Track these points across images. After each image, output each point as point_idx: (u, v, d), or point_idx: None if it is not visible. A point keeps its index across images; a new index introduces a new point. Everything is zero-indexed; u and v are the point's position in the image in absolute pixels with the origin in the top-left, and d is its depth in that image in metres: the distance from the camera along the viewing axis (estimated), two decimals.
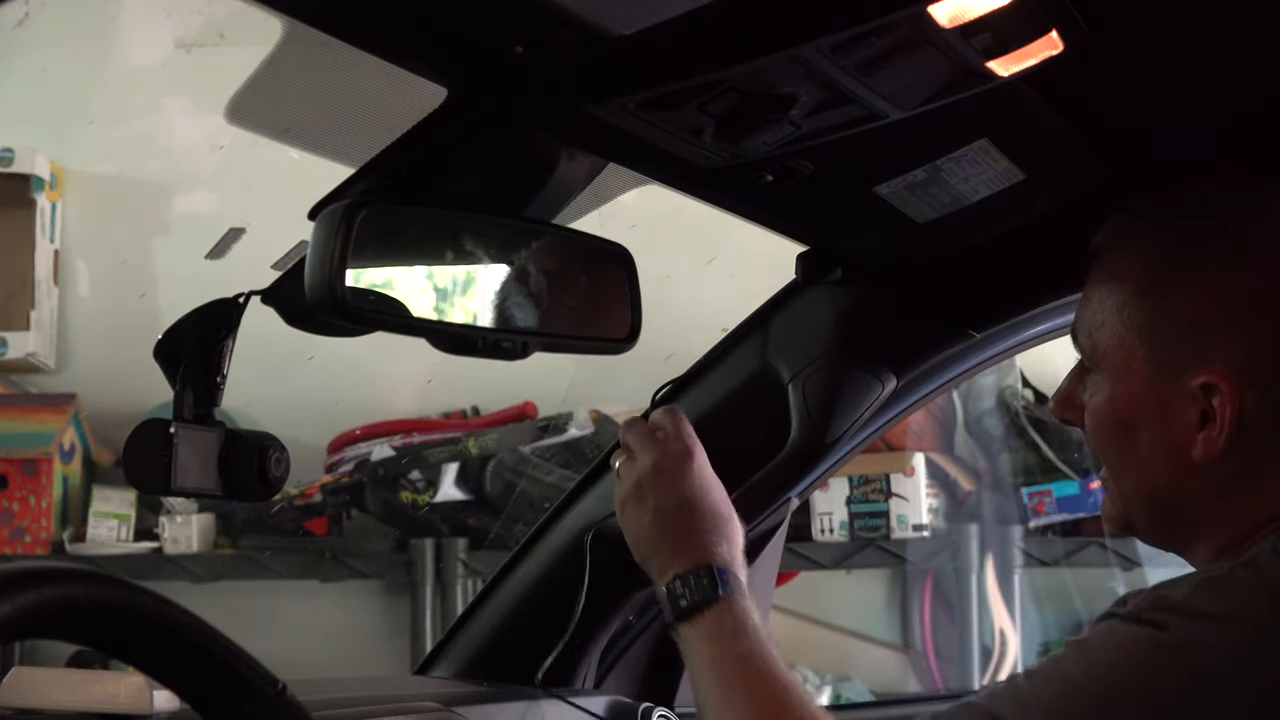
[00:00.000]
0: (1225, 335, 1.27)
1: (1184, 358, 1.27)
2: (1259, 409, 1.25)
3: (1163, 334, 1.29)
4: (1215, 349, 1.27)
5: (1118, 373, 1.32)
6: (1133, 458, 1.32)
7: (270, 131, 1.16)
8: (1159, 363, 1.29)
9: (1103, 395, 1.33)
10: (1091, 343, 1.34)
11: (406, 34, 1.02)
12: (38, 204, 3.62)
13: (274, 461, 1.16)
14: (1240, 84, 1.29)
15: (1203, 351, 1.27)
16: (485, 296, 1.21)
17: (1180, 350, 1.28)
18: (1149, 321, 1.30)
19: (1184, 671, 1.15)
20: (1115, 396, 1.32)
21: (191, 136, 3.55)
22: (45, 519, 3.46)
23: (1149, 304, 1.30)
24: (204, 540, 3.49)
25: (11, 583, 0.94)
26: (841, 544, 3.38)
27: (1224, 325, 1.27)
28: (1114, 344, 1.32)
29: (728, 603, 1.42)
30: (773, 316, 1.70)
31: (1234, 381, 1.25)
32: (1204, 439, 1.26)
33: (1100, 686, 1.17)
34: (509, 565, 1.83)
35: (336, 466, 3.55)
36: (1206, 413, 1.26)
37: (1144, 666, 1.16)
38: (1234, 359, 1.26)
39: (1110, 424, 1.33)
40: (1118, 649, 1.18)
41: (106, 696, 1.20)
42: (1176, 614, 1.17)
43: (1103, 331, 1.33)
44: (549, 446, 3.41)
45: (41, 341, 3.64)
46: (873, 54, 1.06)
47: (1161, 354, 1.29)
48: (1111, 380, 1.32)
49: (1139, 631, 1.17)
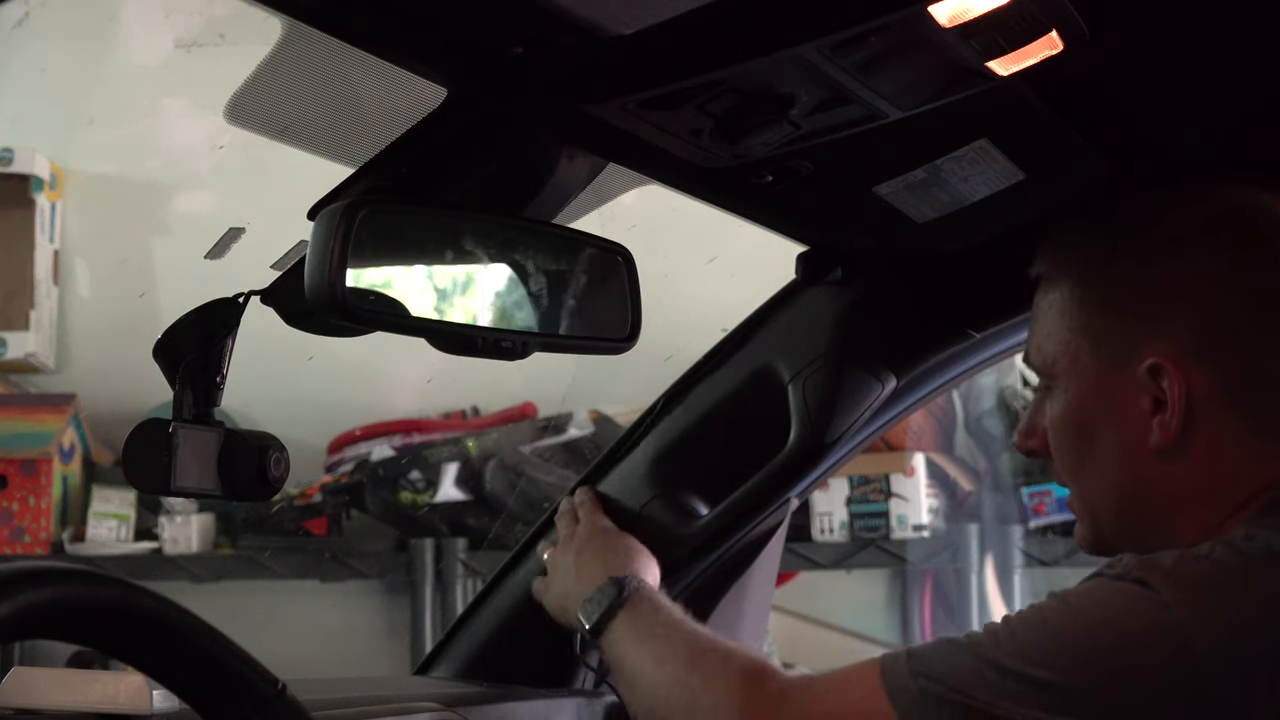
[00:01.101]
0: (1166, 317, 1.30)
1: (1128, 345, 1.30)
2: (1208, 387, 1.28)
3: (1105, 327, 1.32)
4: (1157, 332, 1.29)
5: (1069, 377, 1.34)
6: (1094, 462, 1.33)
7: (270, 131, 1.16)
8: (1105, 356, 1.32)
9: (1058, 405, 1.35)
10: (1041, 357, 1.37)
11: (406, 34, 1.02)
12: (37, 204, 3.62)
13: (274, 461, 1.16)
14: (1240, 83, 1.29)
15: (1145, 336, 1.30)
16: (485, 296, 1.21)
17: (1123, 339, 1.31)
18: (1090, 318, 1.33)
19: (1162, 625, 1.17)
20: (1069, 401, 1.34)
21: (191, 136, 3.55)
22: (45, 519, 3.45)
23: (1089, 301, 1.33)
24: (204, 540, 3.49)
25: (11, 583, 0.93)
26: (841, 544, 3.37)
27: (1163, 308, 1.30)
28: (1061, 350, 1.34)
29: (636, 598, 1.49)
30: (773, 316, 1.70)
31: (1179, 361, 1.28)
32: (1158, 424, 1.28)
33: (1079, 631, 1.20)
34: (509, 565, 1.83)
35: (336, 466, 3.55)
36: (1158, 398, 1.28)
37: (1124, 615, 1.19)
38: (1177, 339, 1.28)
39: (1069, 431, 1.35)
40: (1100, 599, 1.21)
41: (106, 696, 1.20)
42: (1161, 574, 1.19)
43: (1049, 341, 1.36)
44: (549, 446, 3.41)
45: (41, 341, 3.64)
46: (873, 54, 1.06)
47: (1106, 347, 1.32)
48: (1064, 387, 1.34)
49: (1123, 586, 1.20)
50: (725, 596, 1.81)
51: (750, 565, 1.84)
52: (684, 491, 1.75)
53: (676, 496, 1.75)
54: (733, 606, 1.84)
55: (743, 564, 1.83)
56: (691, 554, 1.74)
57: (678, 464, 1.75)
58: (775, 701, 1.32)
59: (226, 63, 1.15)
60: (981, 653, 1.22)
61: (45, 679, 1.20)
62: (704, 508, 1.75)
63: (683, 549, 1.74)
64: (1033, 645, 1.20)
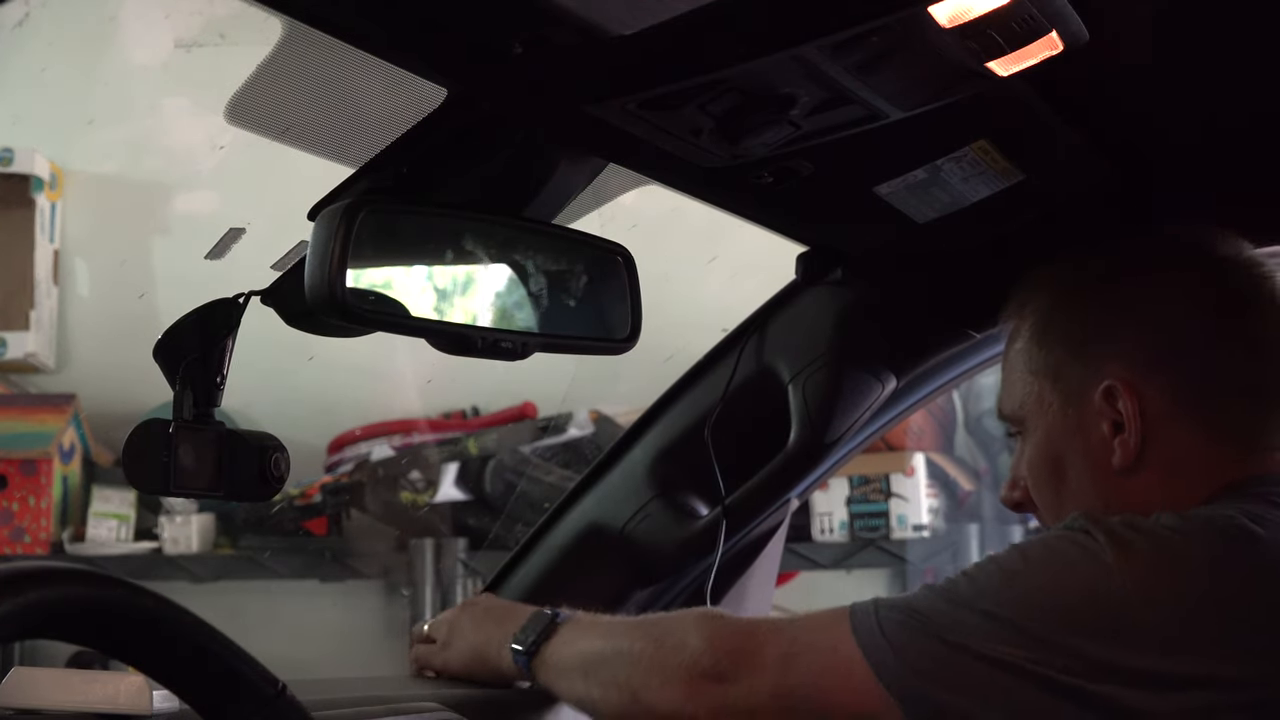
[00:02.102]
0: (1117, 340, 1.37)
1: (1084, 376, 1.37)
2: (1162, 402, 1.35)
3: (1062, 363, 1.40)
4: (1110, 358, 1.37)
5: (1037, 418, 1.41)
6: (1068, 494, 1.39)
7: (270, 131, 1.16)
8: (1065, 390, 1.39)
9: (1030, 448, 1.42)
10: (1011, 404, 1.44)
11: (406, 34, 1.02)
12: (38, 204, 3.62)
13: (274, 461, 1.16)
14: (1240, 84, 1.29)
15: (1100, 363, 1.37)
16: (485, 297, 1.21)
17: (1080, 370, 1.38)
18: (1047, 356, 1.41)
19: (1104, 571, 1.23)
20: (1038, 442, 1.41)
21: (191, 136, 3.55)
22: (45, 519, 3.45)
23: (1046, 341, 1.41)
24: (204, 540, 3.49)
25: (11, 583, 0.94)
26: (841, 544, 3.37)
27: (1114, 332, 1.38)
28: (1028, 394, 1.41)
29: (573, 619, 1.49)
30: (773, 316, 1.70)
31: (1132, 380, 1.35)
32: (1119, 444, 1.35)
33: (1030, 576, 1.26)
34: (509, 565, 1.83)
35: (336, 466, 3.55)
36: (1116, 421, 1.35)
37: (1073, 561, 1.25)
38: (1129, 359, 1.36)
39: (1042, 468, 1.41)
40: (1052, 549, 1.28)
41: (106, 696, 1.20)
42: (1104, 530, 1.25)
43: (1017, 388, 1.43)
44: (549, 446, 3.41)
45: (41, 341, 3.64)
46: (873, 54, 1.06)
47: (1066, 382, 1.39)
48: (1033, 429, 1.42)
49: (1074, 536, 1.26)
50: (726, 597, 1.81)
51: (750, 565, 1.84)
52: (684, 491, 1.75)
53: (676, 496, 1.75)
54: (732, 606, 1.84)
55: (743, 564, 1.83)
56: (691, 554, 1.74)
57: (678, 464, 1.75)
58: (743, 633, 1.35)
59: (226, 63, 1.15)
60: (948, 596, 1.28)
61: (45, 679, 1.20)
62: (704, 508, 1.75)
63: (683, 549, 1.74)
64: (988, 594, 1.26)
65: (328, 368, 3.20)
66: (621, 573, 1.79)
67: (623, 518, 1.76)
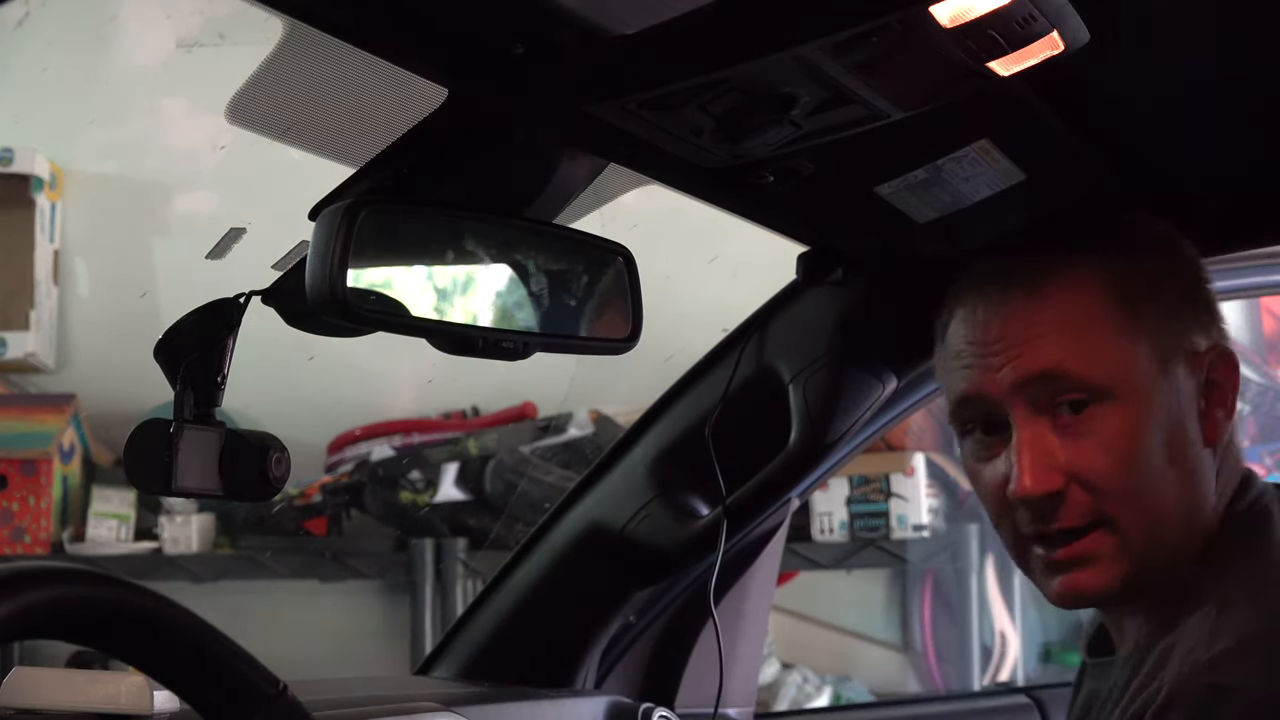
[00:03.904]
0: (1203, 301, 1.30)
1: (1177, 340, 1.27)
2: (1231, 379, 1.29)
3: (1155, 323, 1.27)
4: (1199, 322, 1.29)
5: (1125, 387, 1.24)
6: (1168, 473, 1.24)
7: (270, 131, 1.16)
8: (1160, 356, 1.26)
9: (1119, 420, 1.24)
10: (1085, 368, 1.25)
11: (407, 34, 1.02)
12: (38, 204, 3.63)
13: (274, 461, 1.16)
14: (1240, 84, 1.29)
15: (1189, 327, 1.28)
16: (485, 297, 1.21)
17: (1173, 333, 1.27)
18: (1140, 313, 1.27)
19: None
20: (1130, 414, 1.24)
21: (191, 136, 3.55)
22: (45, 519, 3.46)
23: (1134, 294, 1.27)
24: (204, 540, 3.49)
25: (11, 583, 0.94)
26: (841, 544, 3.38)
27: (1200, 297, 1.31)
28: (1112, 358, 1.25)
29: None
30: (773, 316, 1.70)
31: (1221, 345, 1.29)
32: (1219, 417, 1.27)
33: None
34: (509, 565, 1.83)
35: (336, 466, 3.55)
36: (1209, 384, 1.27)
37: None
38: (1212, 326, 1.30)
39: (1138, 448, 1.23)
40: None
41: (106, 696, 1.20)
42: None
43: (1097, 352, 1.25)
44: (549, 446, 3.41)
45: (41, 341, 3.64)
46: (873, 54, 1.06)
47: (1161, 345, 1.26)
48: (1120, 400, 1.24)
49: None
50: (725, 596, 1.81)
51: (751, 565, 1.84)
52: (684, 491, 1.75)
53: (676, 496, 1.75)
54: (733, 606, 1.84)
55: (743, 564, 1.83)
56: (692, 554, 1.74)
57: (678, 464, 1.75)
58: None
59: (227, 63, 1.15)
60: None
61: (45, 679, 1.20)
62: (704, 508, 1.75)
63: (683, 549, 1.74)
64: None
65: (328, 368, 3.20)
66: (622, 573, 1.79)
67: (623, 518, 1.76)
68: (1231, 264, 1.82)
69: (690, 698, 1.87)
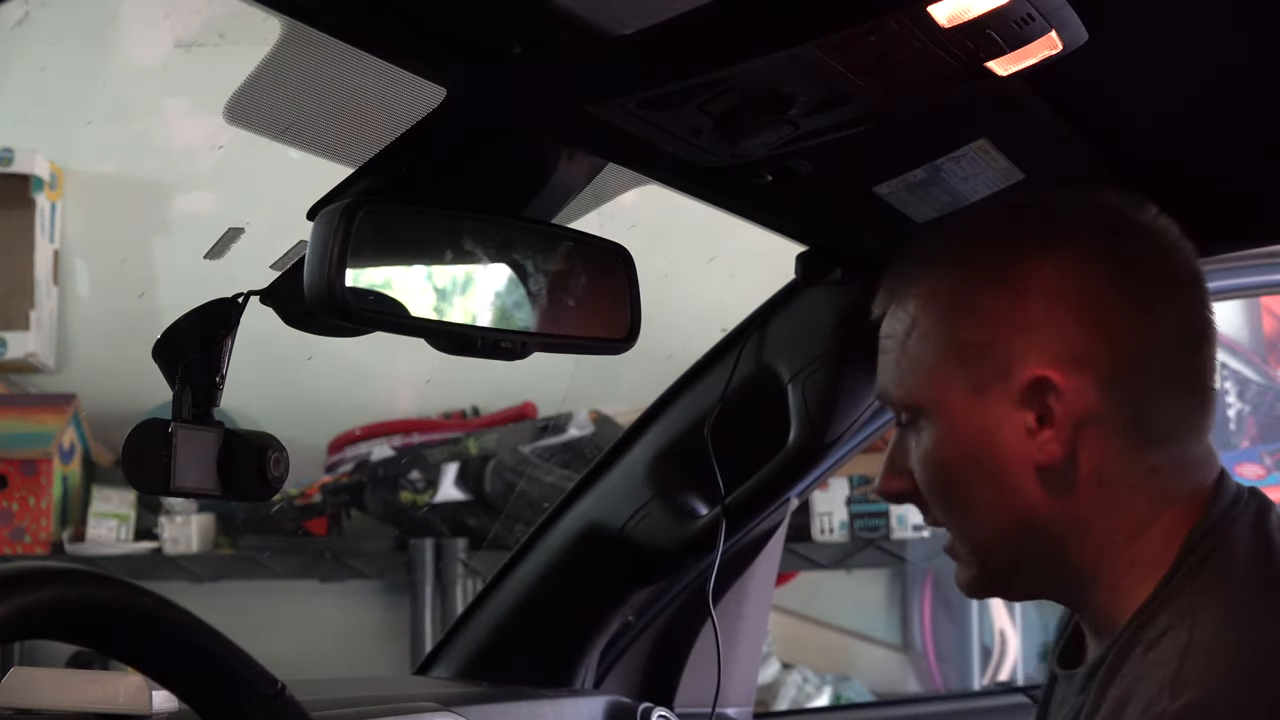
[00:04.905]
0: (1042, 322, 1.21)
1: (1003, 359, 1.21)
2: (1090, 397, 1.19)
3: (975, 342, 1.23)
4: (1034, 340, 1.21)
5: (939, 405, 1.24)
6: (978, 494, 1.24)
7: (270, 131, 1.16)
8: (977, 376, 1.23)
9: (928, 438, 1.26)
10: (903, 389, 1.27)
11: (405, 34, 1.02)
12: (38, 204, 3.63)
13: (273, 461, 1.16)
14: (1240, 84, 1.29)
15: (1022, 346, 1.21)
16: (484, 297, 1.21)
17: (998, 352, 1.22)
18: (957, 336, 1.24)
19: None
20: (942, 432, 1.25)
21: (191, 136, 3.56)
22: (45, 519, 3.46)
23: (952, 317, 1.24)
24: (204, 540, 3.49)
25: (11, 583, 0.94)
26: (841, 544, 3.38)
27: (1037, 311, 1.21)
28: (926, 377, 1.25)
29: None
30: (772, 316, 1.70)
31: (1062, 369, 1.19)
32: (1044, 441, 1.20)
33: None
34: (509, 565, 1.83)
35: (336, 466, 3.55)
36: (1040, 415, 1.20)
37: None
38: (1056, 346, 1.20)
39: (946, 464, 1.25)
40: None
41: (106, 696, 1.20)
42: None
43: (911, 372, 1.26)
44: (549, 446, 3.41)
45: (41, 341, 3.64)
46: (872, 53, 1.06)
47: (978, 365, 1.23)
48: (934, 417, 1.25)
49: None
50: (725, 596, 1.81)
51: (750, 565, 1.84)
52: (684, 491, 1.75)
53: (676, 496, 1.75)
54: (732, 606, 1.84)
55: (743, 564, 1.83)
56: (691, 554, 1.74)
57: (677, 464, 1.75)
58: None
59: (226, 63, 1.15)
60: None
61: (45, 679, 1.20)
62: (703, 507, 1.75)
63: (683, 549, 1.74)
64: None
65: (327, 367, 3.20)
66: (621, 573, 1.79)
67: (622, 517, 1.76)
68: (1231, 264, 1.83)
69: (689, 697, 1.87)
